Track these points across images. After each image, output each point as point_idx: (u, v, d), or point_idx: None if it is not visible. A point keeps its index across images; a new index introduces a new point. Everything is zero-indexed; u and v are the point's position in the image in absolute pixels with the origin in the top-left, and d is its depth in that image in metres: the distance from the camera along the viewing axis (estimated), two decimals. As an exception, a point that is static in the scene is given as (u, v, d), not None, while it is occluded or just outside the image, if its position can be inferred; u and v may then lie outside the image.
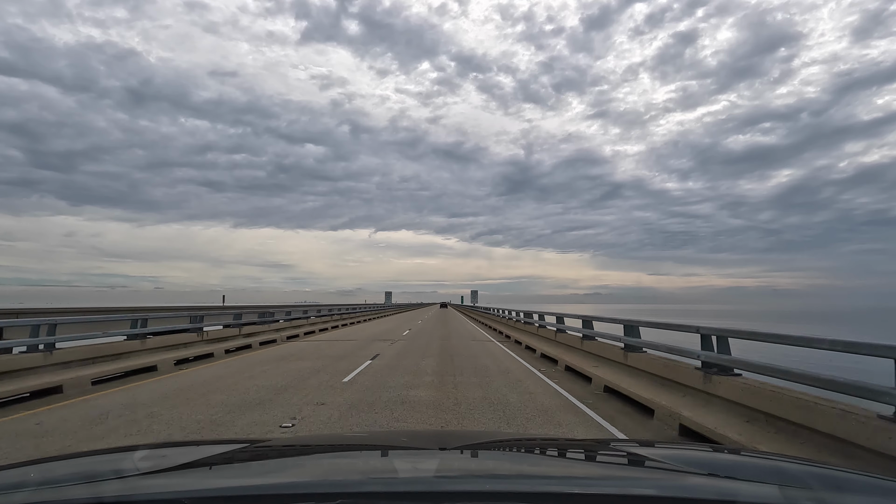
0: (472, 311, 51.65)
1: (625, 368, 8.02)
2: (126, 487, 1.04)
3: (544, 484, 1.12)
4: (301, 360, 12.10)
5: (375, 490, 1.04)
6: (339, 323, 27.25)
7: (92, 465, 1.33)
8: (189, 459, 1.39)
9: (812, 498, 1.01)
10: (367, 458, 1.47)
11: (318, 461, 1.45)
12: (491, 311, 34.05)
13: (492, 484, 1.13)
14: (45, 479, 1.16)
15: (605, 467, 1.46)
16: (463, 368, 10.80)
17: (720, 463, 1.39)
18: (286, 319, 20.07)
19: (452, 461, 1.37)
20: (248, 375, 9.73)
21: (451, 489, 1.05)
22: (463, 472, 1.30)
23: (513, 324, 21.04)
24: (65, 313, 16.70)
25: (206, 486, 1.10)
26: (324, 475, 1.27)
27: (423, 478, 1.17)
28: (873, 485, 1.16)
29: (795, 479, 1.19)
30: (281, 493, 1.00)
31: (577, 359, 10.42)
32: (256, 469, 1.33)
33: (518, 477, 1.25)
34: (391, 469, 1.31)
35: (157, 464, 1.33)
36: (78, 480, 1.11)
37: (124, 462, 1.36)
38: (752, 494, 1.03)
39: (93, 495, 0.97)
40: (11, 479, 1.12)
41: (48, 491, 1.02)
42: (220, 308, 26.01)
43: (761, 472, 1.23)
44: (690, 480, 1.17)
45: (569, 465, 1.48)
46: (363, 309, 39.57)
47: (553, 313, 14.26)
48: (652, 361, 7.12)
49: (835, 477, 1.24)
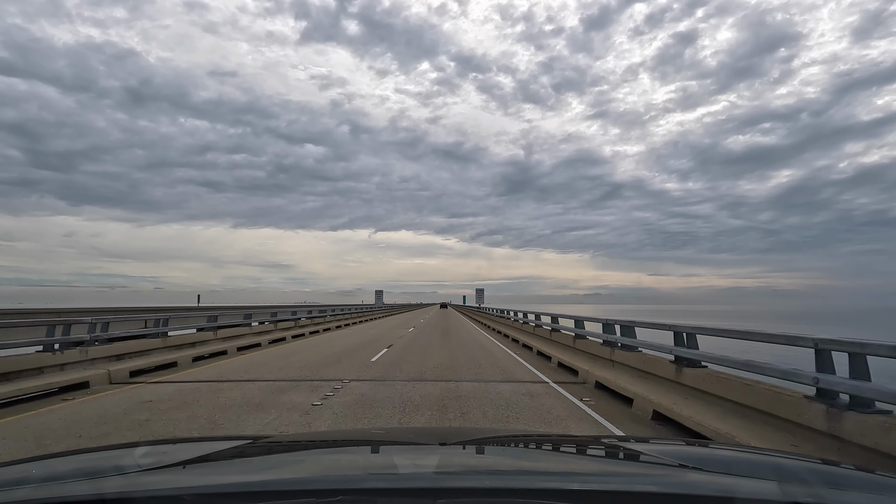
0: (476, 314, 43.25)
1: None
2: (128, 484, 1.04)
3: (544, 480, 1.13)
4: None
5: (376, 486, 1.04)
6: (305, 330, 20.50)
7: (94, 461, 1.33)
8: (190, 456, 1.39)
9: (810, 493, 1.01)
10: (368, 454, 1.47)
11: (320, 457, 1.46)
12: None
13: (492, 480, 1.14)
14: (47, 475, 1.16)
15: (604, 463, 1.46)
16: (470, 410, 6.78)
17: (718, 459, 1.39)
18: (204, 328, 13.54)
19: (453, 457, 1.37)
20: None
21: (451, 485, 1.05)
22: (463, 469, 1.30)
23: (531, 329, 16.75)
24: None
25: (207, 483, 1.10)
26: (325, 471, 1.27)
27: (424, 474, 1.17)
28: (871, 480, 1.17)
29: (793, 475, 1.19)
30: (282, 489, 1.01)
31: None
32: (258, 465, 1.33)
33: (518, 473, 1.25)
34: (392, 465, 1.32)
35: (158, 460, 1.34)
36: (80, 477, 1.12)
37: (126, 458, 1.36)
38: (750, 490, 1.03)
39: (94, 491, 0.98)
40: (13, 476, 1.12)
41: (50, 487, 1.03)
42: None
43: (759, 468, 1.23)
44: (689, 476, 1.18)
45: (569, 462, 1.48)
46: (352, 310, 34.01)
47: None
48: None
49: (832, 472, 1.25)
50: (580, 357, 10.42)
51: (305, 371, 10.15)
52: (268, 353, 13.83)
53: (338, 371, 10.15)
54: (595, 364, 9.39)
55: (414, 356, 12.84)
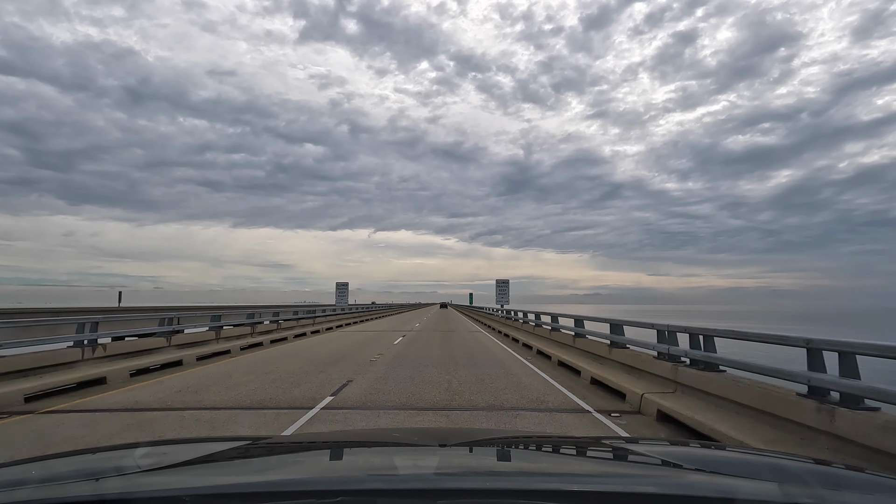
0: (489, 318, 30.43)
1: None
2: (128, 484, 1.04)
3: (544, 481, 1.13)
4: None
5: (376, 487, 1.04)
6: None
7: (94, 462, 1.33)
8: (191, 456, 1.39)
9: (811, 495, 1.01)
10: (369, 455, 1.47)
11: (320, 458, 1.46)
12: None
13: (492, 481, 1.14)
14: (47, 475, 1.16)
15: (604, 464, 1.46)
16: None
17: (718, 460, 1.39)
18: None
19: (453, 458, 1.37)
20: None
21: (451, 486, 1.05)
22: (463, 469, 1.30)
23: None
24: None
25: (207, 483, 1.10)
26: (325, 472, 1.27)
27: (424, 475, 1.17)
28: (872, 482, 1.17)
29: (794, 476, 1.19)
30: (282, 489, 1.01)
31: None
32: (258, 466, 1.33)
33: (518, 474, 1.25)
34: (392, 466, 1.32)
35: (158, 461, 1.34)
36: (80, 477, 1.12)
37: (126, 459, 1.36)
38: (751, 491, 1.03)
39: (94, 492, 0.98)
40: (13, 476, 1.12)
41: (50, 488, 1.03)
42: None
43: (760, 469, 1.23)
44: (690, 477, 1.18)
45: (568, 462, 1.48)
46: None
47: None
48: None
49: (833, 474, 1.25)
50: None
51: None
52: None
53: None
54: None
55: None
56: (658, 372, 6.84)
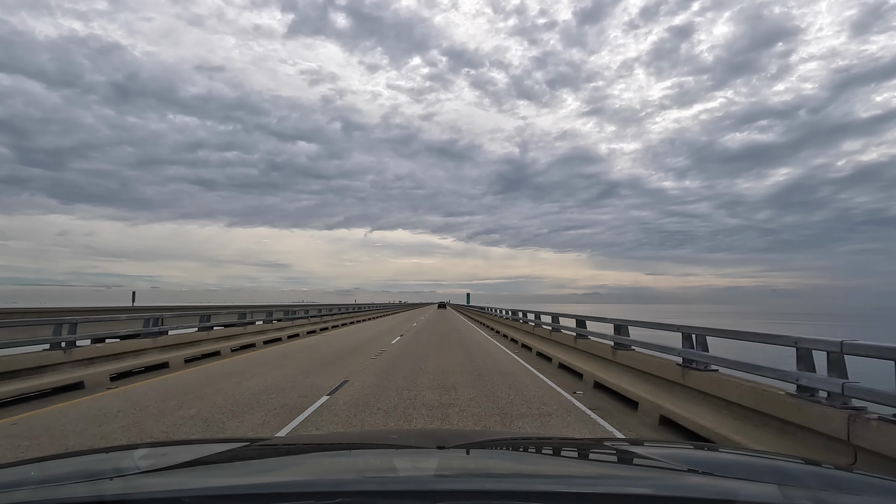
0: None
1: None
2: (126, 486, 1.04)
3: (542, 483, 1.12)
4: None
5: (374, 489, 1.04)
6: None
7: (92, 463, 1.33)
8: (189, 458, 1.39)
9: (811, 497, 1.01)
10: (367, 457, 1.47)
11: (318, 460, 1.45)
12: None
13: (490, 483, 1.14)
14: (46, 477, 1.16)
15: (603, 466, 1.46)
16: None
17: (718, 462, 1.39)
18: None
19: (451, 460, 1.37)
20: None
21: (449, 488, 1.05)
22: (461, 471, 1.30)
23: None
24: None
25: (205, 485, 1.10)
26: (323, 474, 1.27)
27: (422, 477, 1.17)
28: (873, 484, 1.16)
29: (794, 479, 1.19)
30: (280, 491, 1.00)
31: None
32: (256, 468, 1.33)
33: (516, 476, 1.25)
34: (390, 468, 1.31)
35: (157, 462, 1.33)
36: (78, 479, 1.12)
37: (124, 461, 1.36)
38: (751, 493, 1.03)
39: (93, 493, 0.98)
40: (11, 478, 1.12)
41: (49, 489, 1.02)
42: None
43: (760, 472, 1.23)
44: (689, 480, 1.18)
45: (567, 464, 1.48)
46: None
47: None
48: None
49: (834, 476, 1.24)
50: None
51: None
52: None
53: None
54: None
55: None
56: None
